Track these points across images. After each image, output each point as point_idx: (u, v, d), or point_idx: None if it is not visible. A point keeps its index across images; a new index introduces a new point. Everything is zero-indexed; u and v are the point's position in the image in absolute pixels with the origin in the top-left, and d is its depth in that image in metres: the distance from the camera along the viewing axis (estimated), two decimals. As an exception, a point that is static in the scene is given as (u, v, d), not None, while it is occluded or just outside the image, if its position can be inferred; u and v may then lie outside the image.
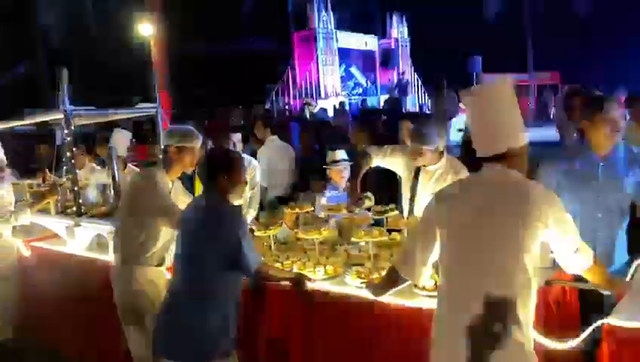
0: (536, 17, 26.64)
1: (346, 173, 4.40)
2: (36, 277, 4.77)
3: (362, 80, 24.41)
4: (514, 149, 2.14)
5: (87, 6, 20.19)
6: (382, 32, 25.62)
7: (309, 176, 5.04)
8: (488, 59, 22.75)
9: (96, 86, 19.16)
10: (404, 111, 16.34)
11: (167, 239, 3.31)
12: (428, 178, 3.59)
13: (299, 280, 2.95)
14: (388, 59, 22.09)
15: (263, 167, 5.33)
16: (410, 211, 3.66)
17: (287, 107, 20.24)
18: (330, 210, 3.81)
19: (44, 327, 4.80)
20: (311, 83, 21.26)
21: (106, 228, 4.14)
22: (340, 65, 22.52)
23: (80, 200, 4.51)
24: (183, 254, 2.84)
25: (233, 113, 16.13)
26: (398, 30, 24.59)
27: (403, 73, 23.34)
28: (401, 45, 24.50)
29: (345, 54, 22.85)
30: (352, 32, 23.74)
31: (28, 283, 4.83)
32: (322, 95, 21.07)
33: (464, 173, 3.53)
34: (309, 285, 2.96)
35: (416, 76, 25.02)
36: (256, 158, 5.32)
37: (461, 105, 15.01)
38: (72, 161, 4.43)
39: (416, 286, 2.65)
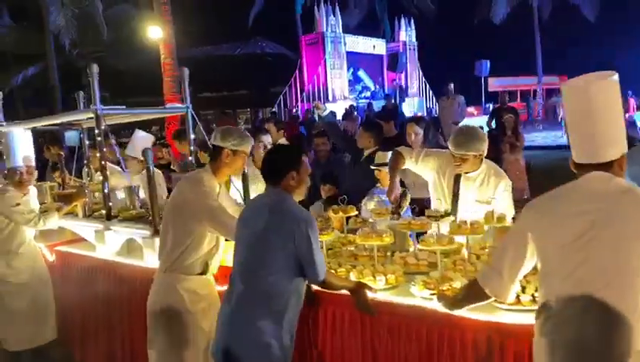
0: (544, 21, 26.58)
1: None
2: (63, 283, 4.48)
3: (370, 83, 24.46)
4: (623, 155, 1.96)
5: (97, 9, 20.34)
6: (390, 36, 25.69)
7: (320, 181, 4.76)
8: (496, 63, 22.74)
9: (107, 87, 19.31)
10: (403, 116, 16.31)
11: (212, 245, 3.08)
12: (470, 184, 3.46)
13: (359, 290, 2.70)
14: (395, 62, 22.08)
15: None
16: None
17: (294, 110, 20.31)
18: (378, 215, 3.58)
19: (72, 338, 4.47)
20: (319, 86, 21.33)
21: (139, 233, 3.90)
22: (347, 69, 22.59)
23: (111, 204, 4.23)
24: (246, 259, 2.61)
25: (240, 116, 16.22)
26: (406, 34, 24.63)
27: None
28: (409, 49, 24.53)
29: (353, 58, 22.91)
30: (359, 36, 23.80)
31: (56, 291, 4.50)
32: (330, 98, 21.13)
33: (505, 177, 3.46)
34: (370, 295, 2.70)
35: (423, 80, 25.04)
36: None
37: (468, 109, 15.02)
38: (102, 162, 4.12)
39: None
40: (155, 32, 12.96)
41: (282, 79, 22.21)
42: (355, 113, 15.91)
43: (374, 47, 24.28)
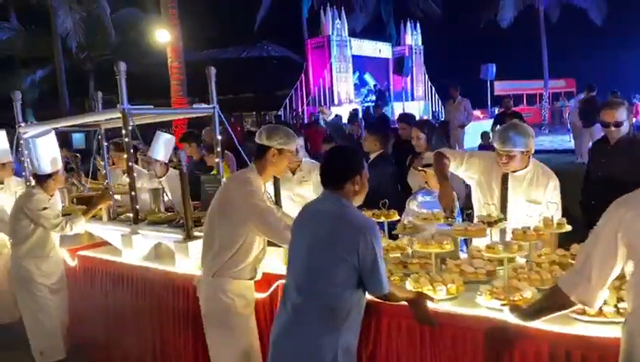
0: (551, 25, 26.51)
1: None
2: (86, 289, 4.30)
3: (376, 87, 24.47)
4: None
5: (104, 12, 20.48)
6: (396, 39, 25.71)
7: None
8: (502, 67, 22.69)
9: (113, 91, 19.38)
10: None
11: (260, 249, 3.00)
12: (519, 183, 3.30)
13: (419, 301, 2.49)
14: (401, 66, 22.09)
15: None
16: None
17: (300, 114, 20.36)
18: (425, 220, 3.35)
19: (98, 347, 4.24)
20: (324, 89, 21.37)
21: (170, 237, 3.75)
22: (353, 72, 22.61)
23: (137, 206, 4.02)
24: (304, 269, 2.42)
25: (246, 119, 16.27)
26: (412, 37, 24.64)
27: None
28: (415, 52, 24.53)
29: (358, 61, 22.93)
30: (365, 39, 23.83)
31: (78, 298, 4.33)
32: (335, 102, 21.14)
33: (553, 175, 3.31)
34: (431, 306, 2.51)
35: (429, 83, 25.02)
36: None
37: (474, 112, 14.99)
38: (130, 164, 3.93)
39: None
40: (162, 36, 13.03)
41: (288, 82, 22.25)
42: (360, 116, 15.93)
43: (380, 50, 24.30)
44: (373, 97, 23.42)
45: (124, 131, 3.82)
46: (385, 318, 2.65)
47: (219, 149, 4.22)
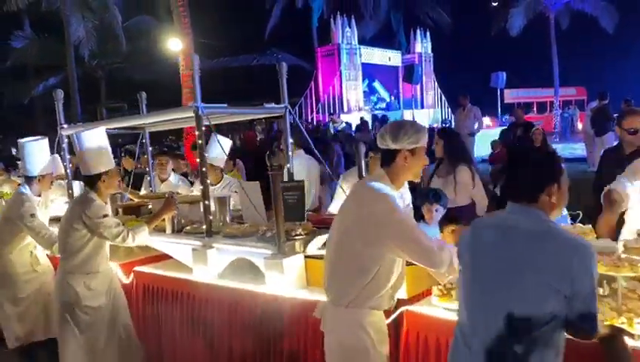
0: (561, 33, 26.41)
1: None
2: (145, 310, 3.76)
3: (385, 95, 24.48)
4: None
5: (117, 21, 20.72)
6: (405, 48, 25.75)
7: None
8: (512, 75, 22.62)
9: (124, 98, 19.64)
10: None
11: (399, 273, 2.50)
12: None
13: (614, 337, 1.99)
14: (411, 74, 22.13)
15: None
16: None
17: (308, 122, 20.42)
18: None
19: None
20: (334, 97, 21.42)
21: (255, 252, 3.23)
22: (363, 80, 22.65)
23: (212, 218, 3.50)
24: (493, 301, 1.90)
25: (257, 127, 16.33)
26: (422, 45, 24.66)
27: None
28: (425, 60, 24.54)
29: (368, 69, 22.99)
30: (375, 48, 23.89)
31: (135, 321, 3.76)
32: (345, 109, 21.19)
33: None
34: (631, 343, 2.04)
35: (439, 91, 25.00)
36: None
37: (484, 120, 14.94)
38: (203, 168, 3.51)
39: None
40: (175, 45, 13.14)
41: (298, 90, 22.33)
42: (370, 124, 15.96)
43: (390, 58, 24.34)
44: (384, 105, 23.45)
45: (197, 132, 3.40)
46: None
47: (290, 153, 3.87)
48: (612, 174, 3.84)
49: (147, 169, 5.03)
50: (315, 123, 20.15)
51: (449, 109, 23.87)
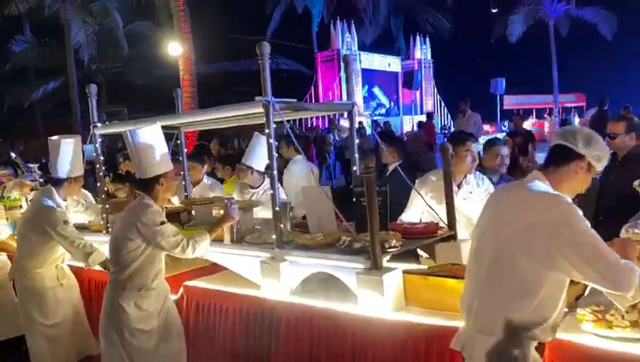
0: (561, 39, 26.52)
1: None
2: (206, 334, 3.27)
3: (385, 100, 24.52)
4: None
5: (117, 25, 20.76)
6: (405, 53, 25.83)
7: None
8: (512, 81, 22.69)
9: (124, 102, 19.66)
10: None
11: (564, 296, 2.03)
12: None
13: None
14: (411, 80, 22.21)
15: (289, 185, 5.36)
16: None
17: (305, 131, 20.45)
18: None
19: None
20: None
21: (342, 266, 2.75)
22: (362, 86, 22.69)
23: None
24: None
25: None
26: (422, 51, 24.74)
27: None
28: (424, 66, 24.61)
29: (368, 75, 23.04)
30: (375, 53, 23.95)
31: (191, 344, 3.28)
32: (345, 115, 21.20)
33: None
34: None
35: (439, 97, 25.05)
36: (281, 177, 5.25)
37: (484, 127, 14.97)
38: (275, 173, 3.11)
39: None
40: (174, 49, 13.17)
41: (297, 95, 22.23)
42: (369, 131, 15.99)
43: (389, 64, 24.42)
44: (383, 110, 23.51)
45: (267, 130, 2.99)
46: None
47: (356, 154, 3.61)
48: (608, 181, 3.89)
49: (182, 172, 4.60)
50: (312, 129, 20.19)
51: (448, 115, 23.91)
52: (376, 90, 24.16)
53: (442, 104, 24.99)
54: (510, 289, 1.94)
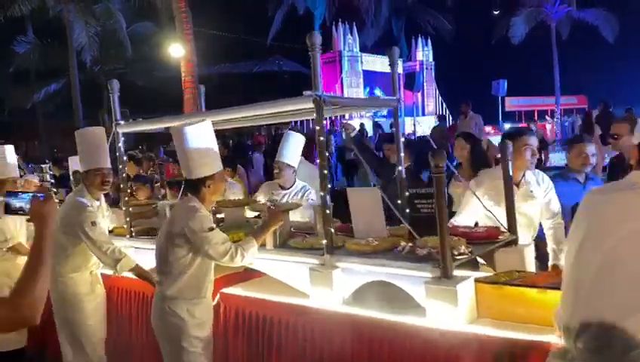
0: (562, 41, 26.51)
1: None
2: (236, 342, 3.09)
3: (386, 102, 24.57)
4: None
5: (120, 26, 20.79)
6: (407, 55, 25.83)
7: None
8: (514, 83, 22.67)
9: (127, 104, 19.68)
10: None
11: None
12: None
13: None
14: (412, 81, 22.21)
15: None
16: None
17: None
18: None
19: None
20: (335, 104, 21.47)
21: (405, 274, 2.55)
22: (364, 87, 22.71)
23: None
24: None
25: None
26: (423, 53, 24.75)
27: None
28: (426, 68, 24.63)
29: (369, 76, 23.05)
30: (376, 55, 23.97)
31: (227, 357, 3.13)
32: (346, 116, 21.22)
33: None
34: None
35: (440, 99, 25.06)
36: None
37: (486, 128, 14.95)
38: (326, 169, 2.92)
39: None
40: (176, 51, 13.20)
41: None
42: (372, 132, 16.02)
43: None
44: (385, 112, 23.48)
45: (317, 127, 2.83)
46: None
47: (402, 154, 3.39)
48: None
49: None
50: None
51: (450, 117, 23.91)
52: (377, 92, 24.17)
53: (444, 106, 24.99)
54: (624, 301, 1.62)
